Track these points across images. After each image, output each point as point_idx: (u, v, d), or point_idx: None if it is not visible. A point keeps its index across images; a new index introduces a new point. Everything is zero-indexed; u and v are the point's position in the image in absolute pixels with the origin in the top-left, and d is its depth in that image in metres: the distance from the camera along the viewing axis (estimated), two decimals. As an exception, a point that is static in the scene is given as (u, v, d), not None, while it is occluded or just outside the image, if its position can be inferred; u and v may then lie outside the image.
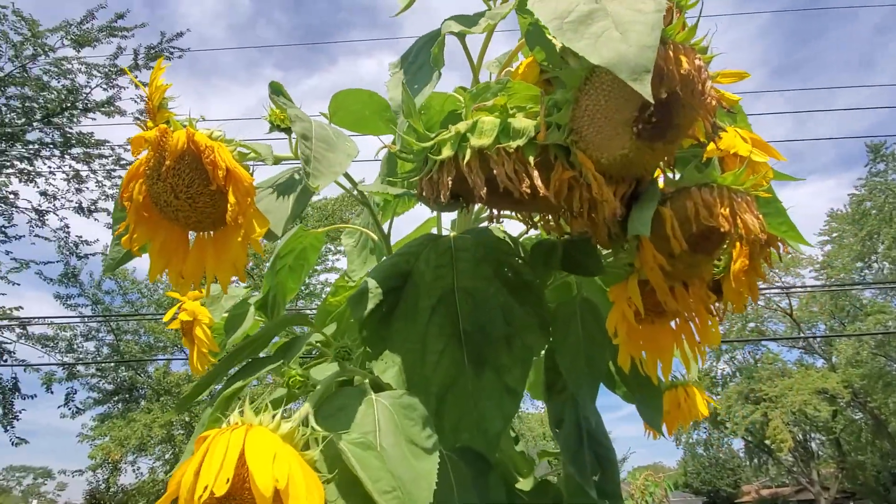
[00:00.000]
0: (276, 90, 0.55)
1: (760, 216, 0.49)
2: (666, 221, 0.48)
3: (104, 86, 10.50)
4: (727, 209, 0.47)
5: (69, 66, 9.76)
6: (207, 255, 0.52)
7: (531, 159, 0.47)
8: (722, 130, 0.49)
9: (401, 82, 0.60)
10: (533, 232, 0.75)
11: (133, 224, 0.50)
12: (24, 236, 10.01)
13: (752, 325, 21.55)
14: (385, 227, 0.85)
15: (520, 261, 0.68)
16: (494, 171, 0.47)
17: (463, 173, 0.48)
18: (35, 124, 9.64)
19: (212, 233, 0.53)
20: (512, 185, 0.46)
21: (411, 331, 0.65)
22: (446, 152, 0.49)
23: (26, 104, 9.59)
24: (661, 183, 0.51)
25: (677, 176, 0.52)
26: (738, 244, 0.70)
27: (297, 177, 0.59)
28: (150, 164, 0.49)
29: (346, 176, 0.67)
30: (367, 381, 0.66)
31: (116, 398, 13.33)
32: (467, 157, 0.47)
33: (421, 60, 0.62)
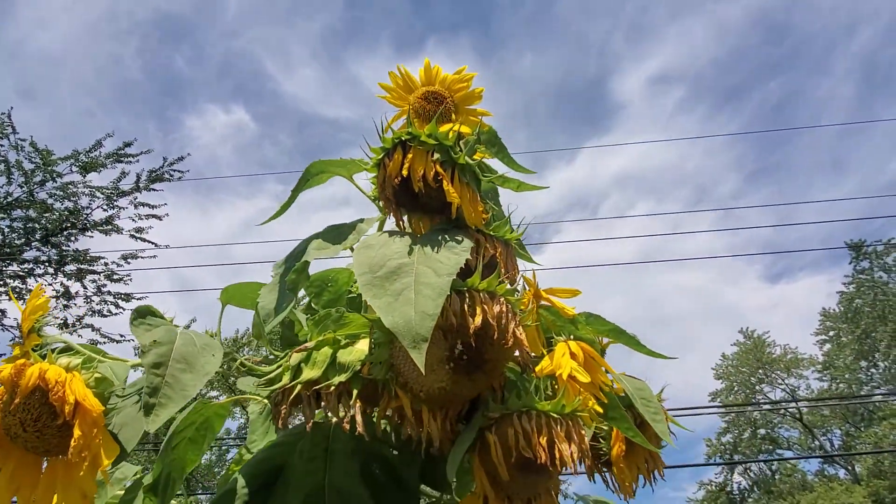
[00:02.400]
0: (139, 314, 0.60)
1: (583, 440, 0.51)
2: (491, 448, 0.50)
3: (104, 206, 11.00)
4: (544, 438, 0.49)
5: (73, 190, 10.29)
6: (58, 481, 0.53)
7: (355, 392, 0.50)
8: (548, 354, 0.54)
9: (274, 290, 0.66)
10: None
11: (-13, 454, 0.52)
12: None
13: (762, 431, 20.55)
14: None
15: (395, 452, 0.69)
16: (323, 404, 0.50)
17: (292, 398, 0.51)
18: (34, 244, 9.93)
19: (62, 456, 0.54)
20: (337, 418, 0.49)
21: (280, 536, 0.64)
22: (284, 380, 0.52)
23: (28, 225, 9.96)
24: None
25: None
26: (614, 434, 0.71)
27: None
28: (2, 399, 0.52)
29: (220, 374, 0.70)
30: None
31: None
32: (296, 390, 0.50)
33: (287, 269, 0.68)
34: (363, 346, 0.53)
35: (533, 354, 0.57)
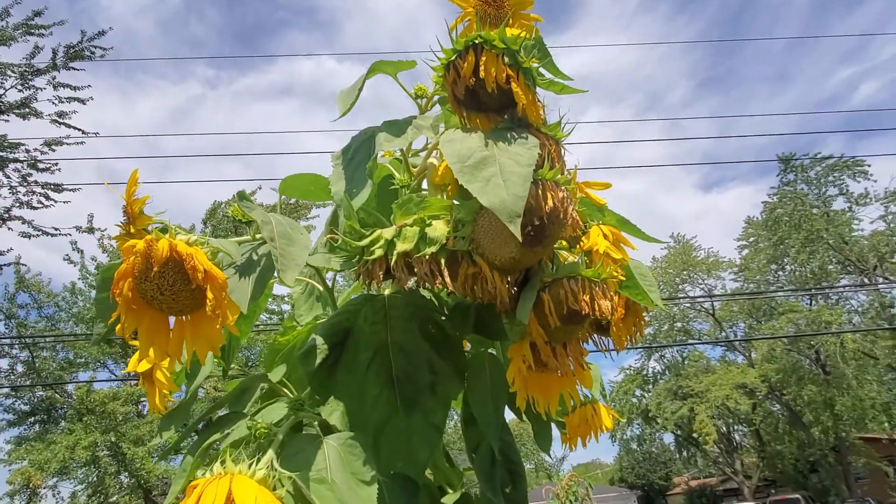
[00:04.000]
0: (241, 196, 0.67)
1: (613, 298, 0.66)
2: (545, 304, 0.65)
3: (19, 87, 9.86)
4: (588, 296, 0.64)
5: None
6: (186, 335, 0.64)
7: (442, 261, 0.62)
8: (584, 234, 0.67)
9: (342, 178, 0.75)
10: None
11: (123, 314, 0.61)
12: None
13: (678, 324, 22.93)
14: (328, 278, 0.99)
15: (443, 318, 0.84)
16: (415, 270, 0.62)
17: (390, 268, 0.63)
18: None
19: (189, 316, 0.64)
20: (428, 282, 0.62)
21: (352, 379, 0.79)
22: (378, 253, 0.63)
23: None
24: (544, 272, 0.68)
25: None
26: (617, 298, 0.89)
27: (254, 257, 0.72)
28: (137, 268, 0.60)
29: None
30: (316, 423, 0.79)
31: (33, 419, 12.40)
32: (394, 259, 0.62)
33: (358, 159, 0.76)
34: (443, 224, 0.64)
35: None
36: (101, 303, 0.69)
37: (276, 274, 0.60)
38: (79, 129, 10.40)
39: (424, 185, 0.86)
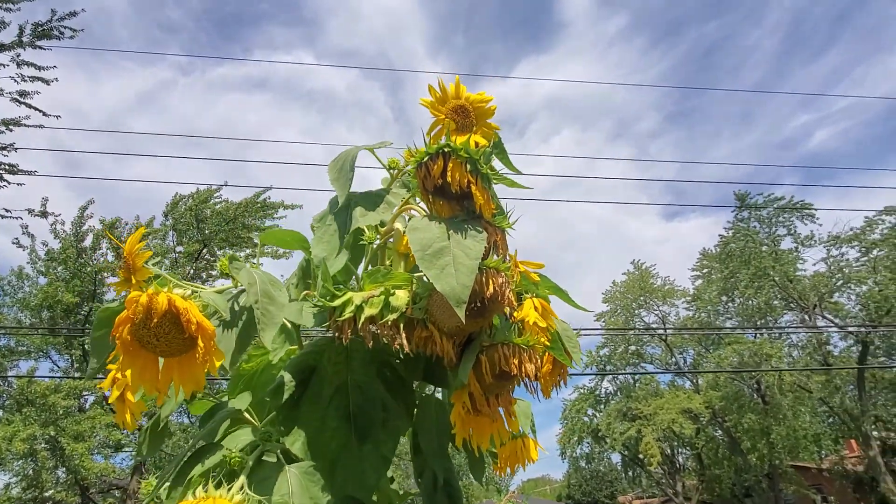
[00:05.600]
0: (232, 259, 0.79)
1: (538, 361, 0.81)
2: (482, 364, 0.79)
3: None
4: (517, 359, 0.79)
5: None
6: (174, 374, 0.75)
7: (401, 326, 0.75)
8: (518, 308, 0.82)
9: (321, 243, 0.87)
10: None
11: (121, 355, 0.71)
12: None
13: (632, 347, 23.64)
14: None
15: (398, 361, 0.97)
16: (377, 332, 0.75)
17: (358, 328, 0.76)
18: None
19: (177, 358, 0.75)
20: (389, 342, 0.75)
21: (315, 413, 0.91)
22: (348, 315, 0.76)
23: None
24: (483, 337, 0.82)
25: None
26: (545, 356, 1.04)
27: (236, 308, 0.83)
28: (138, 317, 0.71)
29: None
30: (278, 451, 0.90)
31: (-32, 407, 11.77)
32: (361, 321, 0.75)
33: (336, 225, 0.89)
34: (405, 293, 0.78)
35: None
36: (96, 340, 0.78)
37: (259, 334, 0.72)
38: (40, 111, 10.06)
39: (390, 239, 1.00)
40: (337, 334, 0.78)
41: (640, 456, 21.02)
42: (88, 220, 12.51)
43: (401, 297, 0.76)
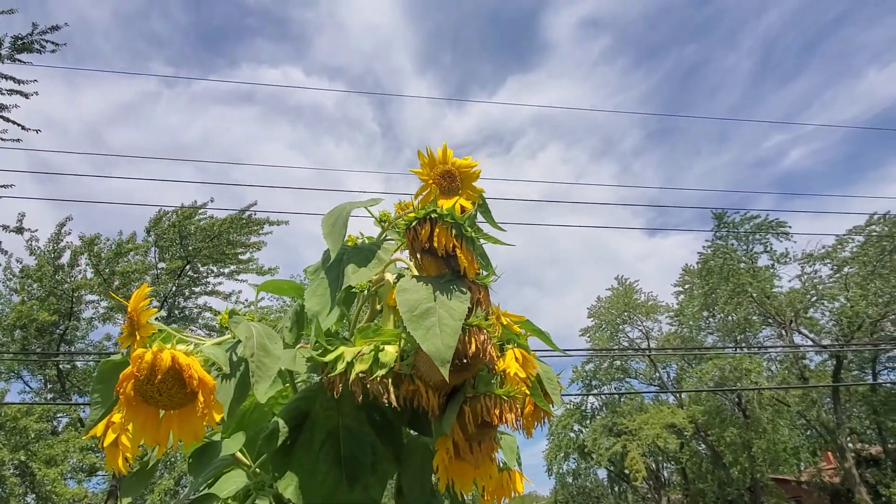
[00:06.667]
0: (232, 313, 0.84)
1: (518, 410, 0.87)
2: (465, 414, 0.84)
3: (-37, 75, 9.39)
4: (498, 410, 0.84)
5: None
6: (173, 426, 0.79)
7: (389, 381, 0.81)
8: (501, 358, 0.88)
9: (315, 296, 0.92)
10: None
11: (125, 409, 0.75)
12: None
13: (617, 362, 23.80)
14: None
15: (387, 405, 1.02)
16: (368, 387, 0.80)
17: (349, 383, 0.81)
18: None
19: (177, 411, 0.79)
20: (378, 396, 0.80)
21: (307, 457, 0.95)
22: (339, 369, 0.81)
23: None
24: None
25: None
26: (526, 399, 1.09)
27: (234, 359, 0.88)
28: (142, 373, 0.75)
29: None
30: (271, 496, 0.94)
31: (-68, 430, 11.35)
32: (352, 377, 0.80)
33: (328, 280, 0.94)
34: (393, 349, 0.83)
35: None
36: (98, 392, 0.82)
37: (253, 388, 0.77)
38: (18, 125, 9.95)
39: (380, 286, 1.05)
40: (329, 389, 0.83)
41: (626, 471, 21.06)
42: (66, 237, 12.31)
43: (389, 353, 0.82)
